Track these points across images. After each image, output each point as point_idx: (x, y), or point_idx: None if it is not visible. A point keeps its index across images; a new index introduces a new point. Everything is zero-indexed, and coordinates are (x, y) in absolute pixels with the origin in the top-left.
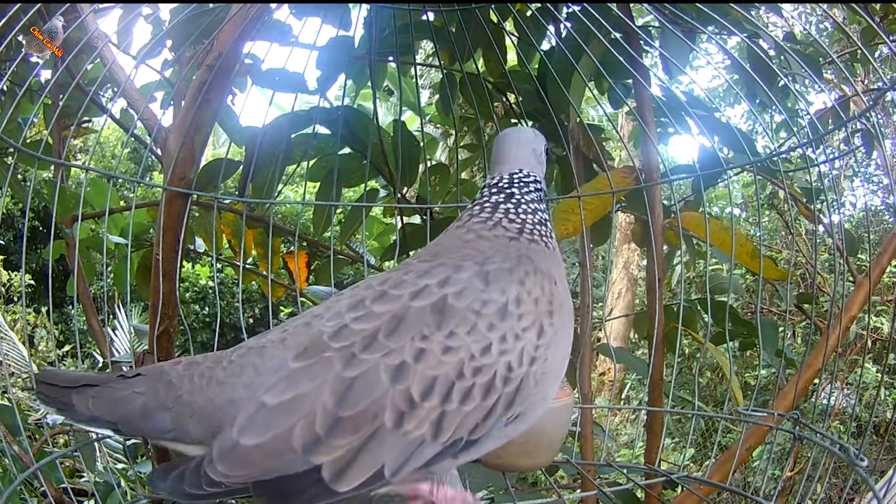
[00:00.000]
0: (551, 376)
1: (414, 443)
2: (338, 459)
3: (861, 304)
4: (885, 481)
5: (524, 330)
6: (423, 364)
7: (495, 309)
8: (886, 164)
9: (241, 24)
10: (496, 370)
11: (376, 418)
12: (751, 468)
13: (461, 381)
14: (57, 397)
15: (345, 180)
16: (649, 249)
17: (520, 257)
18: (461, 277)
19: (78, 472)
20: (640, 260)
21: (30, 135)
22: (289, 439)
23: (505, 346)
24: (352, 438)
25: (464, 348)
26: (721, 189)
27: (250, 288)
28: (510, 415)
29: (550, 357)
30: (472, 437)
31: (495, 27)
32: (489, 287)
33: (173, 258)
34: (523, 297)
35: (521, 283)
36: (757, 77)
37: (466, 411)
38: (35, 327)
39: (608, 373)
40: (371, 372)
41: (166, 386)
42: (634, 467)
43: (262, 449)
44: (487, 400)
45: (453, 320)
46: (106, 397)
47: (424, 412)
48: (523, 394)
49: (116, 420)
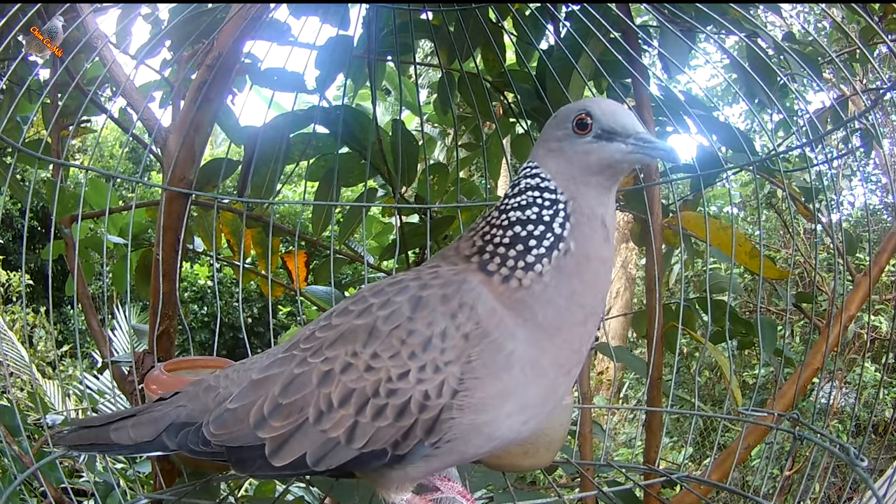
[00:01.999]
0: (477, 413)
1: (330, 442)
2: (275, 438)
3: (860, 304)
4: (884, 480)
5: (447, 364)
6: (346, 376)
7: (420, 340)
8: (886, 164)
9: (240, 23)
10: (411, 395)
11: (301, 411)
12: (749, 467)
13: (376, 399)
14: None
15: (344, 180)
16: (648, 248)
17: (461, 283)
18: (396, 300)
19: (77, 472)
20: (637, 259)
21: (28, 135)
22: (249, 411)
23: (423, 376)
24: (285, 423)
25: (383, 370)
26: (719, 188)
27: (249, 287)
28: (434, 440)
29: (475, 394)
30: (396, 453)
31: (494, 26)
32: (416, 314)
33: (173, 258)
34: (450, 332)
35: (452, 317)
36: (756, 76)
37: (380, 427)
38: (34, 327)
39: (606, 372)
40: (307, 373)
41: (206, 389)
42: (634, 467)
43: (234, 414)
44: (402, 421)
45: (377, 343)
46: (146, 421)
47: (339, 417)
48: (444, 423)
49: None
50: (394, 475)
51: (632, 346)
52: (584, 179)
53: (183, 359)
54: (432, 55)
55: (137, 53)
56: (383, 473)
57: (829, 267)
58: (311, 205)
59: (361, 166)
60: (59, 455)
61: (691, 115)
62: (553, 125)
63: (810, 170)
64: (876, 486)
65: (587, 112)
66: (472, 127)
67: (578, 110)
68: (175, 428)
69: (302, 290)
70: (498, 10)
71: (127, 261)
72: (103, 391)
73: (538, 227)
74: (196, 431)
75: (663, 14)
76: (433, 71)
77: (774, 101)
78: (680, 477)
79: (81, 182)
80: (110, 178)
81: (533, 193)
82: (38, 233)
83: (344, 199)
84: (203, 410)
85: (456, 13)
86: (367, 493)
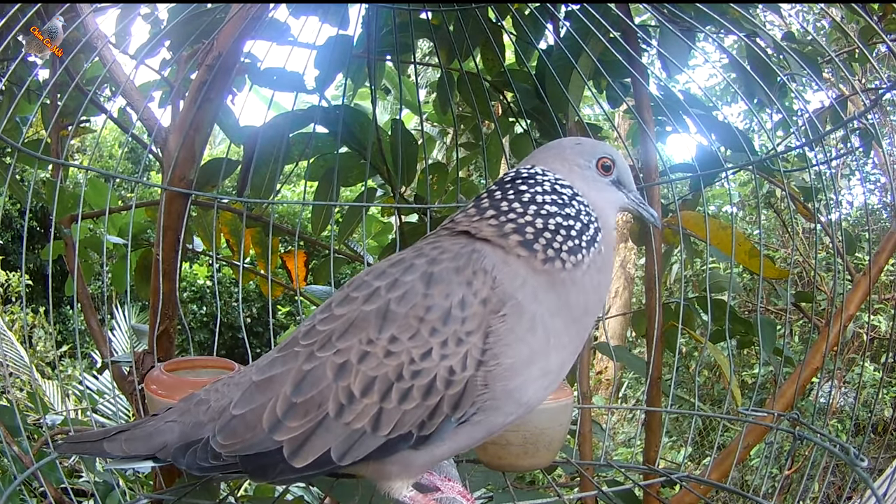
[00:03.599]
0: (507, 379)
1: (356, 433)
2: (294, 439)
3: (859, 303)
4: (884, 479)
5: (468, 334)
6: (365, 365)
7: (439, 315)
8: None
9: (240, 23)
10: (436, 373)
11: (320, 407)
12: (749, 467)
13: (400, 383)
14: (88, 451)
15: (343, 179)
16: (648, 248)
17: (472, 253)
18: (406, 280)
19: (77, 473)
20: (636, 259)
21: (28, 135)
22: (260, 415)
23: (446, 351)
24: (303, 422)
25: (405, 352)
26: (718, 188)
27: (248, 287)
28: (460, 415)
29: (503, 360)
30: (422, 433)
31: (494, 26)
32: (431, 290)
33: (173, 258)
34: (468, 299)
35: (468, 285)
36: (755, 76)
37: (406, 409)
38: (33, 327)
39: (605, 371)
40: (319, 368)
41: (197, 403)
42: (633, 467)
43: (243, 421)
44: (429, 400)
45: (393, 325)
46: (139, 436)
47: (363, 407)
48: (470, 396)
49: (153, 450)
50: (419, 459)
51: (631, 345)
52: (603, 205)
53: (183, 359)
54: (432, 55)
55: (137, 53)
56: (406, 460)
57: (829, 266)
58: (310, 205)
59: (361, 166)
60: (58, 455)
61: (691, 114)
62: (577, 152)
63: (809, 169)
64: (875, 485)
65: (612, 159)
66: (471, 126)
67: (604, 153)
68: (181, 450)
69: (301, 290)
70: (497, 9)
71: (127, 261)
72: (103, 391)
73: (577, 222)
74: (204, 447)
75: (663, 14)
76: (433, 70)
77: (774, 101)
78: (679, 476)
79: (81, 182)
80: (110, 178)
81: (573, 199)
82: (37, 233)
83: (343, 198)
84: (196, 424)
85: (455, 13)
86: (368, 493)
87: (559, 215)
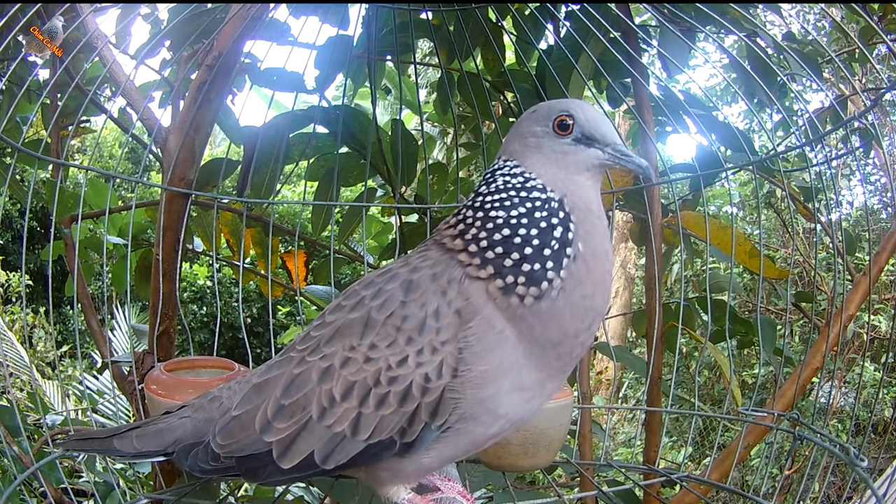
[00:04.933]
0: (478, 388)
1: (336, 436)
2: (281, 441)
3: (859, 303)
4: (884, 479)
5: (443, 343)
6: (346, 370)
7: (414, 324)
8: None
9: (240, 23)
10: (412, 380)
11: (304, 410)
12: (749, 467)
13: (378, 388)
14: (96, 448)
15: (343, 179)
16: (648, 248)
17: (449, 261)
18: (388, 288)
19: (77, 473)
20: (637, 259)
21: (28, 135)
22: (254, 416)
23: (422, 359)
24: (289, 423)
25: (382, 359)
26: (718, 188)
27: (248, 287)
28: (440, 423)
29: (473, 367)
30: (405, 441)
31: (494, 26)
32: (408, 297)
33: (173, 258)
34: (443, 310)
35: (442, 294)
36: (755, 76)
37: (383, 415)
38: (34, 328)
39: (605, 371)
40: (306, 372)
41: (211, 400)
42: (633, 467)
43: (239, 422)
44: (405, 406)
45: (373, 333)
46: (151, 433)
47: (343, 410)
48: (447, 404)
49: (165, 447)
50: (407, 467)
51: (631, 345)
52: (571, 178)
53: (183, 359)
54: (432, 55)
55: (137, 53)
56: (394, 467)
57: (829, 266)
58: (310, 205)
59: (361, 166)
60: (58, 455)
61: (691, 114)
62: (531, 120)
63: (809, 169)
64: (875, 485)
65: (569, 114)
66: (471, 126)
67: (561, 110)
68: (184, 450)
69: (301, 290)
70: (498, 9)
71: (127, 261)
72: (103, 391)
73: (531, 230)
74: (205, 449)
75: (663, 14)
76: (433, 70)
77: (774, 101)
78: (679, 476)
79: (81, 182)
80: (110, 178)
81: (520, 193)
82: (37, 233)
83: (343, 198)
84: (209, 420)
85: (456, 13)
86: (368, 493)
87: (507, 226)
